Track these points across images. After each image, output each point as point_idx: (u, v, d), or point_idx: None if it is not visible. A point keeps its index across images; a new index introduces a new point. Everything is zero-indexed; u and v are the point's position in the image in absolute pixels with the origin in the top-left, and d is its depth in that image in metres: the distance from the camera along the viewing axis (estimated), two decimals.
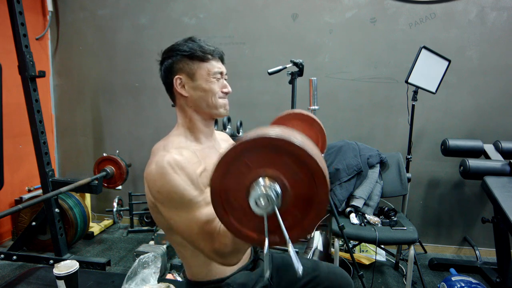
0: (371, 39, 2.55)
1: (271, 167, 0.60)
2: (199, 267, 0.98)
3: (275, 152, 0.58)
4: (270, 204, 0.57)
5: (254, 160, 0.60)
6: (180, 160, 0.84)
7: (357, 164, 2.21)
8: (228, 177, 0.62)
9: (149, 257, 1.19)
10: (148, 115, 2.92)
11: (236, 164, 0.61)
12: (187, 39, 0.97)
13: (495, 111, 2.48)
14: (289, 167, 0.58)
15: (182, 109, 0.99)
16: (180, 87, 0.95)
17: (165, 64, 0.97)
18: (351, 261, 2.06)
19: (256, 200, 0.58)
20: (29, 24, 2.20)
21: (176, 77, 0.95)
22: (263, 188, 0.58)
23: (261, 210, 0.58)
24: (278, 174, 0.59)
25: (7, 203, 2.70)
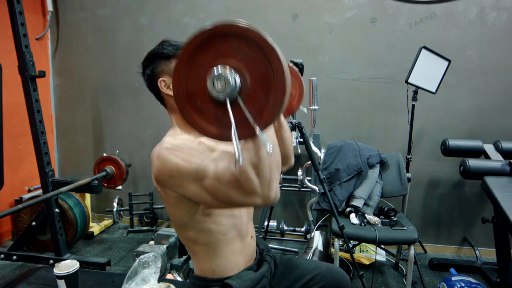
0: (371, 39, 2.55)
1: (222, 57, 0.61)
2: (208, 263, 0.99)
3: (222, 41, 0.60)
4: (227, 85, 0.59)
5: (205, 57, 0.62)
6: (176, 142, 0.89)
7: (357, 164, 2.21)
8: (187, 80, 0.64)
9: (149, 257, 1.19)
10: (148, 115, 2.92)
11: (191, 65, 0.63)
12: (160, 43, 1.02)
13: (495, 111, 2.48)
14: (242, 52, 0.60)
15: (174, 109, 1.02)
16: (166, 88, 0.99)
17: (147, 73, 1.02)
18: (351, 261, 2.06)
19: (214, 82, 0.59)
20: (29, 24, 2.20)
21: (160, 80, 0.99)
22: (218, 70, 0.59)
23: (221, 94, 0.60)
24: (230, 61, 0.61)
25: (7, 203, 2.70)
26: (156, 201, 2.96)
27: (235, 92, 0.60)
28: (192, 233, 0.96)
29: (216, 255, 0.98)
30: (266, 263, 1.09)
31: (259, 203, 0.74)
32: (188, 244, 1.01)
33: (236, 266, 1.01)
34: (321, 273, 1.14)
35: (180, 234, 1.00)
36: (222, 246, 0.97)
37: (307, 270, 1.15)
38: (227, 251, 0.98)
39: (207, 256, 0.99)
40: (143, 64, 1.03)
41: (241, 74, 0.61)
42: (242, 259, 1.02)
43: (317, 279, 1.14)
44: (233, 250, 1.00)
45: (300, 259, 1.23)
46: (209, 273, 1.00)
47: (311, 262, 1.23)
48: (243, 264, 1.03)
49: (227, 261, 0.99)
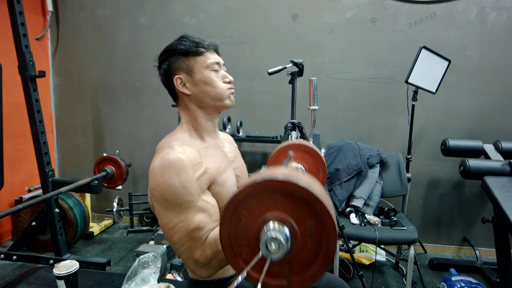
0: (371, 39, 2.55)
1: (279, 211, 0.58)
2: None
3: (282, 195, 0.57)
4: (279, 251, 0.56)
5: (261, 204, 0.58)
6: (183, 159, 0.83)
7: (357, 164, 2.21)
8: (237, 222, 0.61)
9: (149, 257, 1.19)
10: (148, 115, 2.92)
11: (244, 207, 0.60)
12: (179, 38, 0.98)
13: (495, 111, 2.48)
14: (299, 212, 0.57)
15: (186, 108, 0.98)
16: (182, 86, 0.95)
17: (163, 67, 0.98)
18: (351, 261, 2.06)
19: (267, 244, 0.56)
20: (29, 24, 2.21)
21: (176, 77, 0.95)
22: (273, 232, 0.56)
23: (268, 254, 0.57)
24: (287, 218, 0.57)
25: (7, 203, 2.70)
26: None
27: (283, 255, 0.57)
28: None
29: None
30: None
31: (190, 270, 0.88)
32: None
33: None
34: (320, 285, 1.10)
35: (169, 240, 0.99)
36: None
37: None
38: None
39: None
40: (159, 58, 0.99)
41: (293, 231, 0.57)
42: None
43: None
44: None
45: None
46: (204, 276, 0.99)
47: None
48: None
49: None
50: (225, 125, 2.57)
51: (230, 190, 0.94)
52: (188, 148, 0.88)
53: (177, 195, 0.81)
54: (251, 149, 2.83)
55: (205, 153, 0.92)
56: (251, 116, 2.74)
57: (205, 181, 0.87)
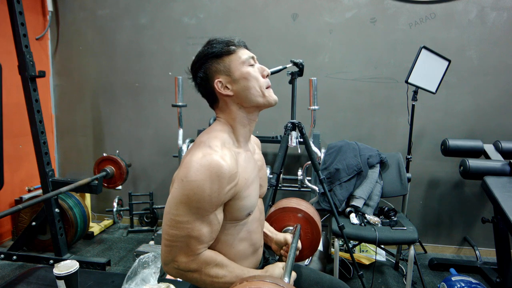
0: (371, 39, 2.55)
1: None
2: None
3: None
4: None
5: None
6: (223, 168, 0.81)
7: (357, 164, 2.21)
8: None
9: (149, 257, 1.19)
10: (148, 115, 2.92)
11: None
12: (207, 43, 0.95)
13: (495, 111, 2.48)
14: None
15: (227, 110, 0.95)
16: (224, 89, 0.92)
17: (199, 76, 0.94)
18: (351, 261, 2.06)
19: None
20: (29, 24, 2.21)
21: (216, 81, 0.92)
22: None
23: None
24: None
25: (7, 203, 2.70)
26: (156, 201, 2.97)
27: None
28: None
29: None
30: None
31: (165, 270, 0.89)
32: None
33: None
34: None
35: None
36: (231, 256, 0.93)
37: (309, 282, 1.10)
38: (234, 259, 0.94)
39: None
40: (192, 68, 0.96)
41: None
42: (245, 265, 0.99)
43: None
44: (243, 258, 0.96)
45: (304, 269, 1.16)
46: None
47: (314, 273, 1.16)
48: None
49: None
50: None
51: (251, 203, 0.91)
52: (228, 153, 0.85)
53: (200, 200, 0.80)
54: None
55: (239, 160, 0.90)
56: None
57: (231, 194, 0.86)
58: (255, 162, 0.99)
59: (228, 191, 0.83)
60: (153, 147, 2.94)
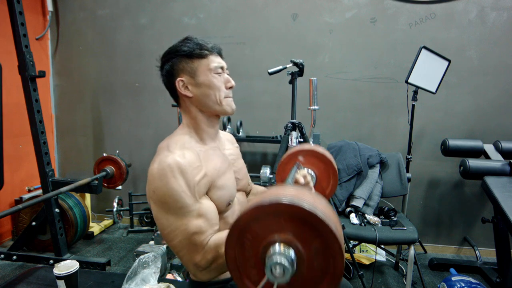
0: (371, 39, 2.55)
1: (284, 233, 0.57)
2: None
3: (287, 218, 0.56)
4: (284, 275, 0.56)
5: (266, 226, 0.58)
6: (182, 163, 0.83)
7: (357, 164, 2.21)
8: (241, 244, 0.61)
9: (149, 257, 1.19)
10: (148, 115, 2.92)
11: (248, 231, 0.60)
12: (183, 39, 0.97)
13: (495, 111, 2.48)
14: (305, 234, 0.57)
15: (187, 110, 0.98)
16: (184, 89, 0.94)
17: (165, 68, 0.97)
18: (351, 261, 2.06)
19: (272, 268, 0.56)
20: (29, 24, 2.21)
21: (178, 80, 0.94)
22: (278, 256, 0.56)
23: (274, 278, 0.56)
24: (292, 240, 0.57)
25: (7, 203, 2.70)
26: None
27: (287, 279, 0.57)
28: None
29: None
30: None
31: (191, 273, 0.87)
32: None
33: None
34: None
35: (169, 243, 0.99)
36: None
37: None
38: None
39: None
40: (162, 59, 0.98)
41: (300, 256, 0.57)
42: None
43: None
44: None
45: None
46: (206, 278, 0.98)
47: None
48: None
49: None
50: (225, 125, 2.57)
51: (229, 193, 0.93)
52: (187, 152, 0.88)
53: (177, 199, 0.81)
54: (251, 149, 2.83)
55: (205, 156, 0.92)
56: (251, 116, 2.74)
57: (205, 185, 0.87)
58: (226, 156, 1.01)
59: (200, 181, 0.86)
60: (153, 147, 2.93)
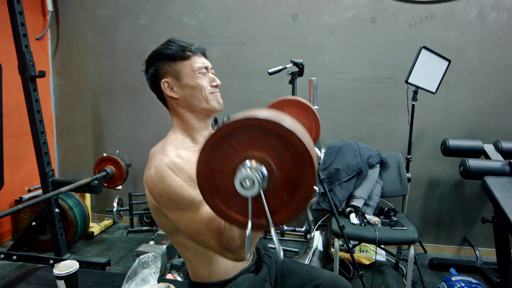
0: (371, 39, 2.55)
1: (258, 150, 0.59)
2: (202, 268, 0.97)
3: (262, 134, 0.58)
4: (255, 186, 0.57)
5: (240, 142, 0.59)
6: (178, 162, 0.84)
7: (357, 164, 2.21)
8: (214, 159, 0.61)
9: (149, 257, 1.19)
10: (148, 115, 2.92)
11: (222, 146, 0.60)
12: (166, 42, 0.98)
13: (495, 111, 2.48)
14: (276, 149, 0.58)
15: (175, 112, 0.99)
16: (169, 90, 0.96)
17: (150, 72, 0.98)
18: (351, 261, 2.06)
19: (242, 182, 0.57)
20: (29, 24, 2.20)
21: (163, 81, 0.95)
22: (249, 170, 0.57)
23: (246, 192, 0.58)
24: (265, 156, 0.59)
25: (7, 203, 2.70)
26: None
27: (261, 191, 0.58)
28: (181, 238, 0.94)
29: (209, 261, 0.95)
30: (265, 264, 1.06)
31: (230, 258, 0.82)
32: (179, 248, 0.99)
33: (233, 269, 0.98)
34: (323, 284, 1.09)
35: (171, 239, 0.98)
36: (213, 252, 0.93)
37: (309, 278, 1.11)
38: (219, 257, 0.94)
39: (199, 261, 0.96)
40: (146, 62, 1.00)
41: (271, 171, 0.59)
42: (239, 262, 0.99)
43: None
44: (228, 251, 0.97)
45: (303, 266, 1.18)
46: (205, 278, 0.98)
47: (314, 270, 1.17)
48: (240, 266, 1.00)
49: (221, 265, 0.96)
50: None
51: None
52: (182, 151, 0.89)
53: (184, 194, 0.81)
54: None
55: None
56: None
57: None
58: None
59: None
60: (153, 147, 2.93)
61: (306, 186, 0.58)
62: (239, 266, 1.00)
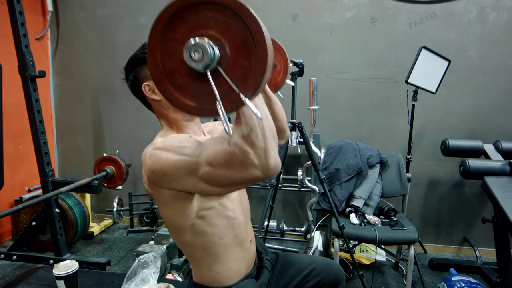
0: (371, 39, 2.55)
1: (196, 29, 0.58)
2: (207, 270, 0.96)
3: (192, 10, 0.58)
4: (205, 54, 0.56)
5: (178, 31, 0.59)
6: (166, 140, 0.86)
7: (357, 164, 2.21)
8: (163, 58, 0.61)
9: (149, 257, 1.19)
10: (148, 115, 2.88)
11: (164, 42, 0.60)
12: (141, 47, 0.98)
13: (495, 111, 2.48)
14: (212, 19, 0.58)
15: (161, 113, 1.01)
16: (151, 93, 0.97)
17: (130, 78, 0.99)
18: (351, 261, 2.06)
19: (191, 54, 0.57)
20: (29, 24, 2.20)
21: (144, 85, 0.96)
22: (192, 42, 0.57)
23: (199, 64, 0.57)
24: (205, 32, 0.58)
25: (7, 203, 2.70)
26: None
27: (214, 61, 0.57)
28: (189, 237, 0.93)
29: (215, 262, 0.95)
30: (266, 270, 1.07)
31: (259, 175, 0.68)
32: (185, 249, 0.98)
33: (237, 273, 0.98)
34: (317, 268, 1.15)
35: (177, 239, 0.97)
36: (221, 252, 0.94)
37: (303, 265, 1.16)
38: (226, 258, 0.95)
39: (205, 262, 0.96)
40: (125, 70, 1.00)
41: (219, 43, 0.58)
42: (243, 266, 1.00)
43: (313, 274, 1.14)
44: (233, 256, 0.96)
45: (297, 255, 1.23)
46: (209, 281, 0.97)
47: (307, 257, 1.23)
48: (244, 271, 1.00)
49: (226, 268, 0.96)
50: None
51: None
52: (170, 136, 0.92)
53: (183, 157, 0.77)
54: None
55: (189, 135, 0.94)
56: None
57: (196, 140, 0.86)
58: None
59: (190, 137, 0.88)
60: None
61: (257, 40, 0.58)
62: (243, 271, 1.00)
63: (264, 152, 0.66)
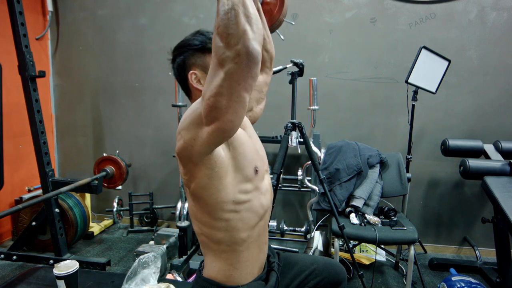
0: (371, 39, 2.55)
1: None
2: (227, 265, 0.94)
3: None
4: None
5: None
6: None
7: (357, 164, 2.21)
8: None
9: (149, 257, 1.19)
10: (148, 115, 2.92)
11: None
12: (195, 33, 0.96)
13: (495, 111, 2.48)
14: None
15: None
16: (196, 82, 0.93)
17: (177, 61, 0.95)
18: (351, 261, 2.06)
19: None
20: (29, 24, 2.20)
21: (191, 72, 0.92)
22: None
23: None
24: None
25: (7, 203, 2.70)
26: (156, 201, 2.97)
27: None
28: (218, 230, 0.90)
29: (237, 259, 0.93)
30: (274, 273, 1.06)
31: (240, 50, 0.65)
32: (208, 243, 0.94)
33: (252, 273, 0.97)
34: (318, 268, 1.15)
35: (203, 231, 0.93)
36: (244, 249, 0.93)
37: (305, 265, 1.16)
38: (247, 256, 0.94)
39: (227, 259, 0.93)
40: (173, 52, 0.97)
41: None
42: (257, 267, 0.99)
43: (315, 273, 1.15)
44: (252, 256, 0.96)
45: (298, 255, 1.23)
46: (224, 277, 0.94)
47: (308, 257, 1.24)
48: (257, 272, 0.99)
49: (245, 266, 0.95)
50: None
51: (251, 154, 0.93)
52: None
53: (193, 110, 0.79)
54: None
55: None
56: None
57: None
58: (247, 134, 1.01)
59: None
60: (153, 147, 2.94)
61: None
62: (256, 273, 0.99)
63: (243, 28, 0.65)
